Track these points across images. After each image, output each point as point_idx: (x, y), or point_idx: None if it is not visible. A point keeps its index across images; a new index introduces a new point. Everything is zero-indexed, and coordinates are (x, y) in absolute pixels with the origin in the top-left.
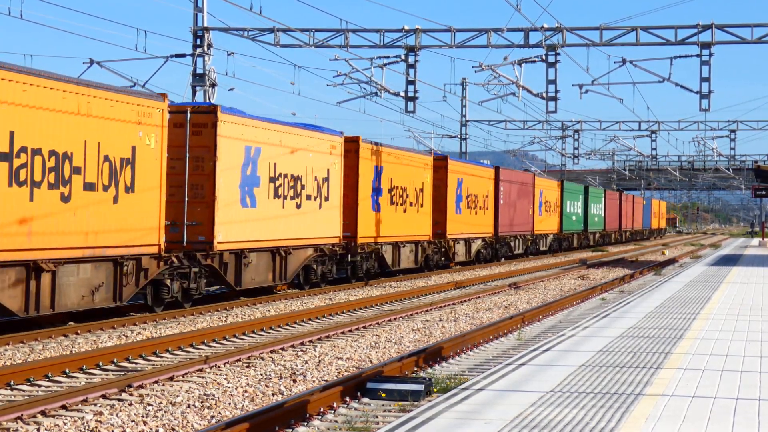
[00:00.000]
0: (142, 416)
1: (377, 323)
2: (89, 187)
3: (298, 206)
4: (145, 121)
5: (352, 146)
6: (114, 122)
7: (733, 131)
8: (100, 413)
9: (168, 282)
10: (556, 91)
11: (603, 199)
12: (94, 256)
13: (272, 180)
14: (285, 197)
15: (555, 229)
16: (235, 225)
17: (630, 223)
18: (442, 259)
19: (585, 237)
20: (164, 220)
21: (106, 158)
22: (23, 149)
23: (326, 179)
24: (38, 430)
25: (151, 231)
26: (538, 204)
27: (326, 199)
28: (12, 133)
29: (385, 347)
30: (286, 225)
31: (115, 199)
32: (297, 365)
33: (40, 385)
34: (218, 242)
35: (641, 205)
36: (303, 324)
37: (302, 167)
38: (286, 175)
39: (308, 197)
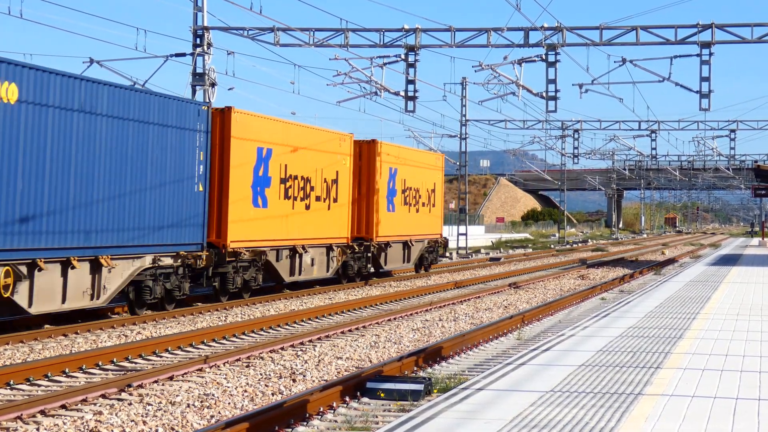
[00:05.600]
0: (142, 416)
1: (377, 323)
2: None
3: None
4: None
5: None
6: None
7: (733, 131)
8: (100, 413)
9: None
10: (556, 91)
11: None
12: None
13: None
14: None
15: None
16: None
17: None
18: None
19: None
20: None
21: None
22: None
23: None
24: (38, 429)
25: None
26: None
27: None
28: None
29: (384, 347)
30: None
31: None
32: (297, 365)
33: (39, 385)
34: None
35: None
36: (303, 324)
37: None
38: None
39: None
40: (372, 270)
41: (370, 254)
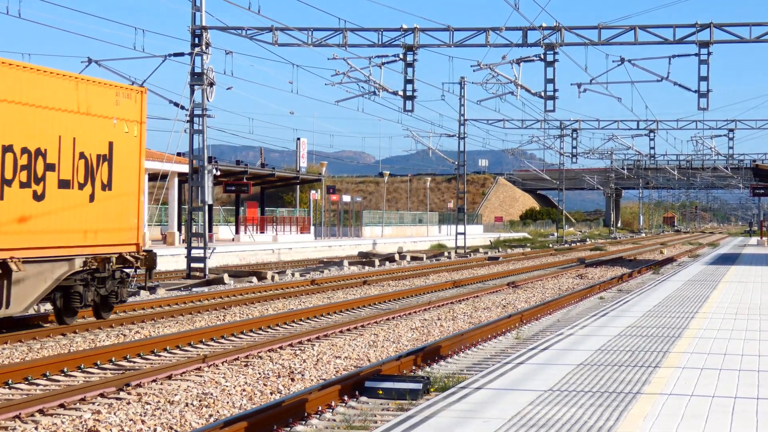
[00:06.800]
0: (140, 415)
1: (375, 322)
2: None
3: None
4: None
5: None
6: None
7: (731, 130)
8: (99, 412)
9: None
10: (555, 90)
11: None
12: None
13: None
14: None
15: None
16: None
17: None
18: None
19: None
20: None
21: None
22: None
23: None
24: (36, 429)
25: None
26: None
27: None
28: None
29: (383, 346)
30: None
31: None
32: (295, 364)
33: (38, 384)
34: None
35: None
36: (301, 323)
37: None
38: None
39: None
40: None
41: None
